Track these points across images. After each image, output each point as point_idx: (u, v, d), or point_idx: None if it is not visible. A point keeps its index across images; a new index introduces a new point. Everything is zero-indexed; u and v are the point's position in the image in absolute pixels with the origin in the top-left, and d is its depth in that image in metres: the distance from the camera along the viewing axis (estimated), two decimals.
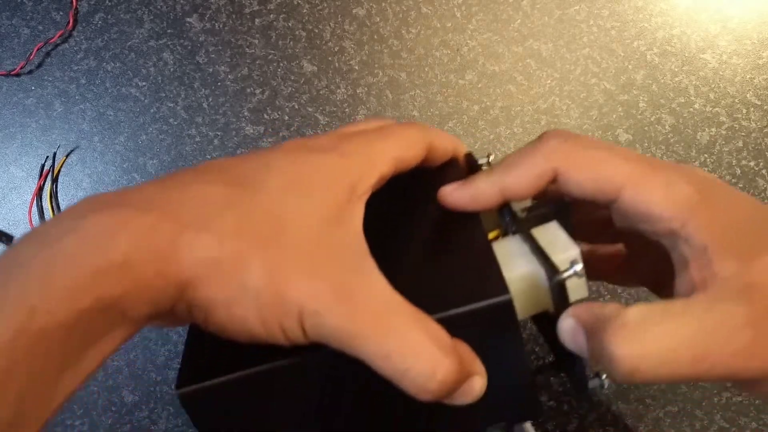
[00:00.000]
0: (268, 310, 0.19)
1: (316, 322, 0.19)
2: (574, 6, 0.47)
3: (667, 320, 0.19)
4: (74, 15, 0.47)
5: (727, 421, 0.46)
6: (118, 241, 0.18)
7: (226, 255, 0.19)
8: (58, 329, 0.16)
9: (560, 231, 0.24)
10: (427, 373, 0.19)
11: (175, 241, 0.18)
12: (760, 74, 0.46)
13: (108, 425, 0.46)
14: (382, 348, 0.19)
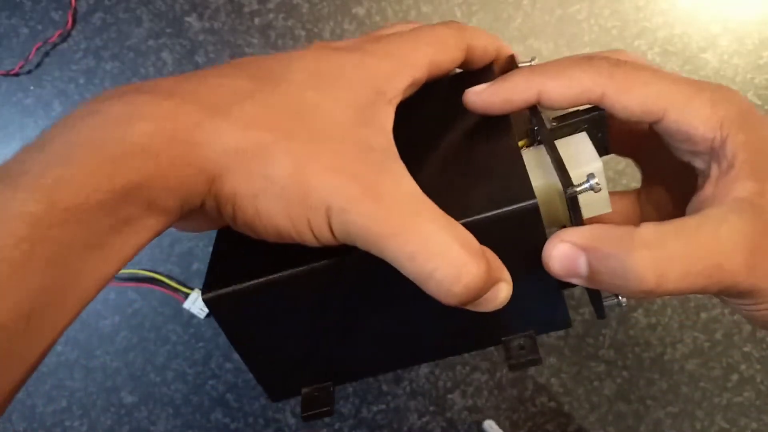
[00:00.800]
0: (295, 204, 0.19)
1: (343, 219, 0.19)
2: (574, 5, 0.47)
3: (685, 233, 0.19)
4: (73, 14, 0.47)
5: (728, 422, 0.46)
6: (138, 125, 0.17)
7: (250, 144, 0.19)
8: (79, 209, 0.16)
9: (587, 143, 0.23)
10: (452, 276, 0.19)
11: (198, 126, 0.18)
12: (760, 74, 0.46)
13: (107, 426, 0.46)
14: (408, 248, 0.18)
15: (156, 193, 0.18)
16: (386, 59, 0.22)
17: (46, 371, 0.46)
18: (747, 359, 0.46)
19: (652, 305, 0.46)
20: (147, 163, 0.17)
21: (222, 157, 0.18)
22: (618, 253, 0.19)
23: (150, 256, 0.46)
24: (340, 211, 0.18)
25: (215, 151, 0.18)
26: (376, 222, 0.18)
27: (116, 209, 0.17)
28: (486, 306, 0.20)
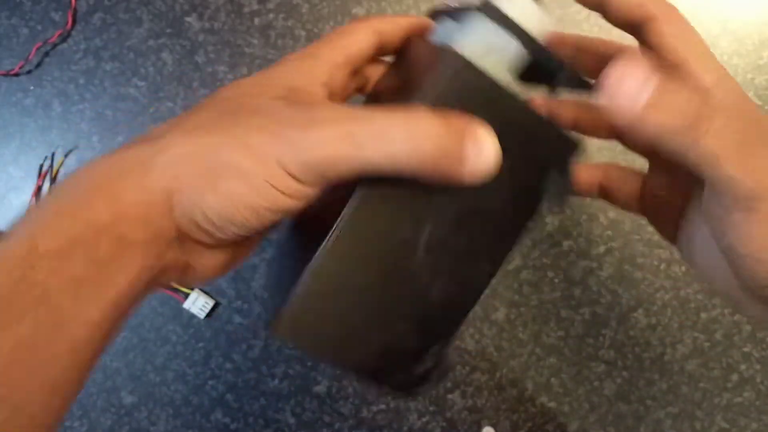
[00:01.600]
0: (252, 175, 0.20)
1: (297, 160, 0.20)
2: (575, 5, 0.47)
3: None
4: (73, 15, 0.47)
5: (728, 422, 0.46)
6: (98, 172, 0.20)
7: (192, 145, 0.20)
8: (57, 251, 0.18)
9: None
10: (411, 138, 0.19)
11: (143, 153, 0.20)
12: (760, 74, 0.46)
13: (107, 426, 0.46)
14: (364, 147, 0.19)
15: (123, 227, 0.19)
16: (300, 60, 0.24)
17: None
18: (747, 359, 0.46)
19: (652, 305, 0.46)
20: (108, 202, 0.19)
21: (170, 168, 0.20)
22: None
23: None
24: (289, 155, 0.20)
25: (162, 165, 0.20)
26: (324, 147, 0.19)
27: (91, 248, 0.19)
28: (476, 157, 0.20)
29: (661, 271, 0.46)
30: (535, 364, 0.46)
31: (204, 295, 0.46)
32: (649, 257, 0.46)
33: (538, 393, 0.46)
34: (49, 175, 0.46)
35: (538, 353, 0.46)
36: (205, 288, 0.46)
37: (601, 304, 0.46)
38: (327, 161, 0.20)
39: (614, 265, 0.46)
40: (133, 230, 0.19)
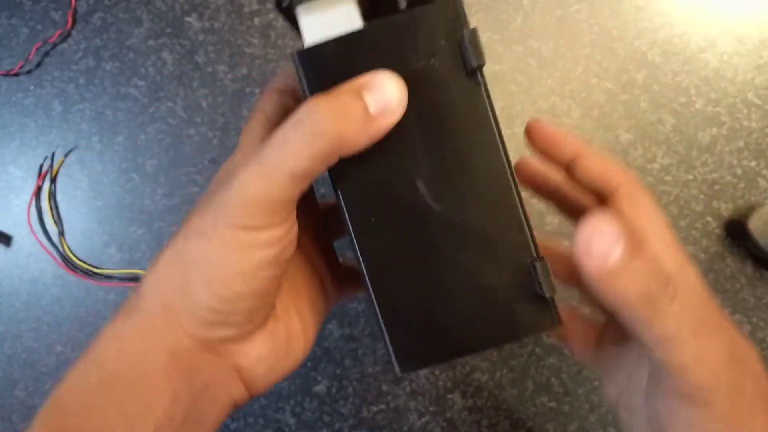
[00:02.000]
0: (213, 252, 0.21)
1: (239, 213, 0.21)
2: (574, 5, 0.47)
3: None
4: (73, 14, 0.47)
5: None
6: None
7: (165, 263, 0.23)
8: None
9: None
10: (310, 130, 0.20)
11: (138, 297, 0.23)
12: (760, 74, 0.46)
13: None
14: (278, 165, 0.20)
15: (137, 371, 0.22)
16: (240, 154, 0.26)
17: (45, 371, 0.46)
18: None
19: None
20: (118, 355, 0.23)
21: (155, 297, 0.22)
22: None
23: (150, 256, 0.46)
24: (228, 214, 0.21)
25: (149, 297, 0.23)
26: (247, 185, 0.21)
27: (114, 402, 0.22)
28: (385, 96, 0.21)
29: None
30: (535, 364, 0.46)
31: None
32: None
33: (538, 393, 0.46)
34: (49, 175, 0.46)
35: (538, 353, 0.46)
36: None
37: None
38: (259, 198, 0.20)
39: None
40: (147, 368, 0.21)
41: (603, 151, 0.26)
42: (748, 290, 0.46)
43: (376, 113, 0.20)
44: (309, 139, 0.20)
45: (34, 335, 0.46)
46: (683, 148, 0.46)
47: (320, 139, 0.20)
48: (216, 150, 0.46)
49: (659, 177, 0.46)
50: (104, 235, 0.46)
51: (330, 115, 0.20)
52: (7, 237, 0.46)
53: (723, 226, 0.46)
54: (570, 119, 0.46)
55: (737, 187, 0.46)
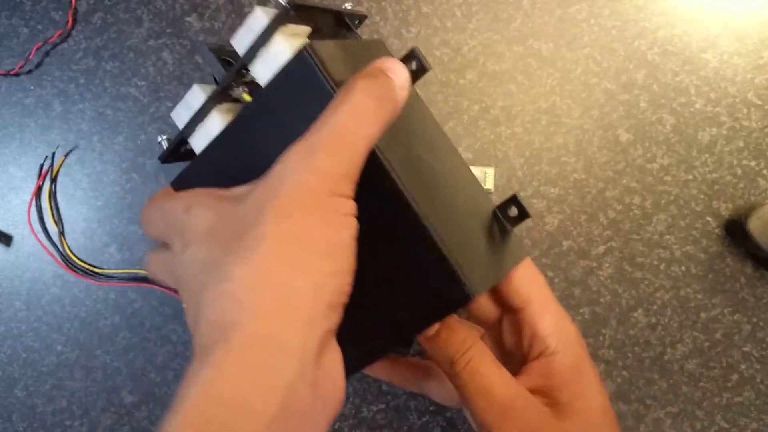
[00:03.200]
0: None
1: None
2: (574, 5, 0.47)
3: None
4: (73, 14, 0.47)
5: (728, 422, 0.46)
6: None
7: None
8: None
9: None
10: (354, 108, 0.22)
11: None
12: (760, 74, 0.46)
13: (107, 426, 0.46)
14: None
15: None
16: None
17: (46, 371, 0.46)
18: (747, 359, 0.46)
19: (652, 305, 0.46)
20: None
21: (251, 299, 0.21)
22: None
23: None
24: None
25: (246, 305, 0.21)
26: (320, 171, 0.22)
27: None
28: (402, 73, 0.24)
29: (661, 271, 0.46)
30: None
31: None
32: (649, 257, 0.46)
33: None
34: (50, 175, 0.46)
35: None
36: None
37: (600, 303, 0.46)
38: (349, 165, 0.22)
39: (614, 265, 0.46)
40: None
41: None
42: (748, 290, 0.46)
43: (400, 87, 0.23)
44: (377, 106, 0.22)
45: (34, 335, 0.46)
46: (683, 148, 0.46)
47: (385, 107, 0.22)
48: None
49: (659, 177, 0.46)
50: (104, 235, 0.46)
51: (383, 88, 0.23)
52: (8, 237, 0.46)
53: (723, 226, 0.46)
54: (570, 119, 0.46)
55: (737, 187, 0.46)
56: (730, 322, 0.46)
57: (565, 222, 0.46)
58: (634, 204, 0.46)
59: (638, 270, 0.46)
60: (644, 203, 0.46)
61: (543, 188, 0.46)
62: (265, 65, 0.25)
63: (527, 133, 0.46)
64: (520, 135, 0.46)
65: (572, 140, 0.46)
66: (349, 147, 0.21)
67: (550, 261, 0.46)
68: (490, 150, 0.46)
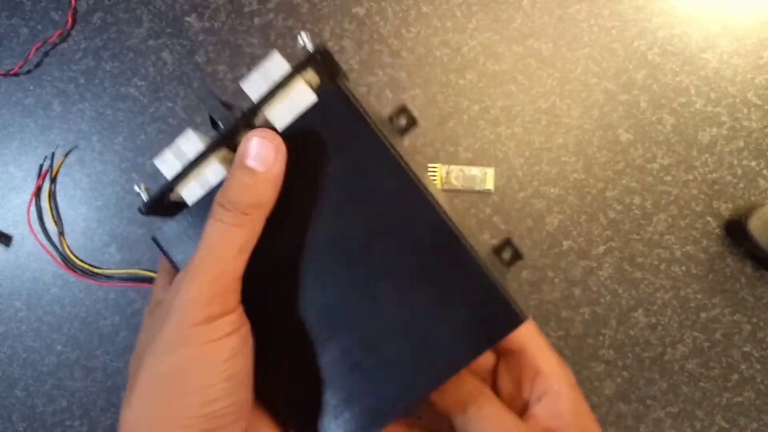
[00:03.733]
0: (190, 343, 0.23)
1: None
2: (574, 5, 0.47)
3: None
4: (73, 14, 0.47)
5: (728, 422, 0.46)
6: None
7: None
8: None
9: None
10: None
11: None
12: (760, 74, 0.46)
13: (107, 426, 0.46)
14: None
15: None
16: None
17: (46, 371, 0.46)
18: (747, 359, 0.46)
19: (652, 305, 0.46)
20: None
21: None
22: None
23: (150, 255, 0.46)
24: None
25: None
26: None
27: None
28: (251, 146, 0.24)
29: (661, 271, 0.46)
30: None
31: None
32: (649, 257, 0.46)
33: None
34: (49, 175, 0.46)
35: None
36: None
37: (601, 304, 0.46)
38: (212, 280, 0.23)
39: (614, 265, 0.46)
40: None
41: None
42: (748, 290, 0.46)
43: (264, 168, 0.24)
44: (233, 218, 0.23)
45: (34, 335, 0.46)
46: (683, 148, 0.46)
47: (239, 215, 0.23)
48: None
49: (659, 177, 0.46)
50: (104, 235, 0.46)
51: (237, 192, 0.24)
52: (7, 237, 0.46)
53: (723, 226, 0.46)
54: (570, 119, 0.46)
55: (737, 187, 0.46)
56: (730, 322, 0.46)
57: (565, 222, 0.46)
58: (634, 204, 0.46)
59: (638, 270, 0.46)
60: (644, 203, 0.46)
61: (543, 188, 0.46)
62: (285, 109, 0.26)
63: (527, 133, 0.46)
64: (520, 135, 0.46)
65: (572, 140, 0.46)
66: (209, 273, 0.23)
67: (550, 261, 0.46)
68: (490, 150, 0.46)
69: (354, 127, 0.25)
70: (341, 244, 0.25)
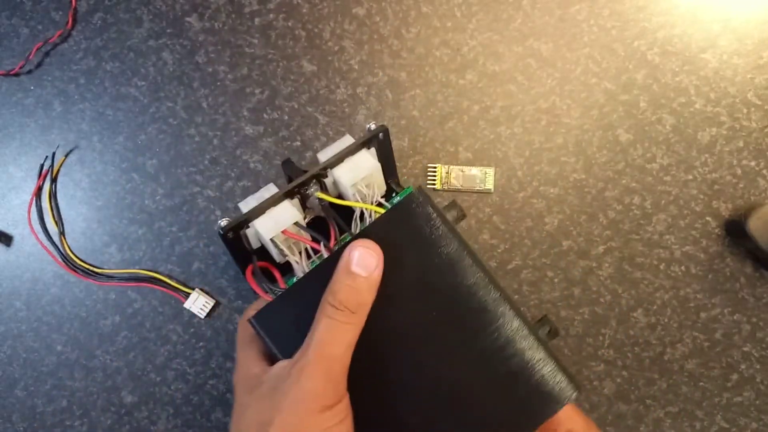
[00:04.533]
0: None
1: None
2: (574, 5, 0.47)
3: None
4: (73, 14, 0.47)
5: (728, 422, 0.46)
6: None
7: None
8: None
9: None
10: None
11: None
12: (760, 74, 0.46)
13: (107, 426, 0.46)
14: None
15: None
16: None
17: (46, 371, 0.46)
18: (747, 359, 0.46)
19: (652, 305, 0.46)
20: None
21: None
22: None
23: (150, 256, 0.46)
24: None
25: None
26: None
27: None
28: (354, 258, 0.28)
29: (660, 271, 0.46)
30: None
31: (204, 294, 0.46)
32: (649, 257, 0.46)
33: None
34: (50, 175, 0.46)
35: None
36: (205, 287, 0.46)
37: (600, 303, 0.46)
38: (327, 376, 0.27)
39: (614, 265, 0.46)
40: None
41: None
42: (747, 290, 0.46)
43: (367, 273, 0.28)
44: (343, 317, 0.27)
45: (34, 335, 0.46)
46: (683, 148, 0.46)
47: (348, 314, 0.27)
48: (216, 150, 0.47)
49: (659, 177, 0.46)
50: (104, 235, 0.46)
51: (346, 294, 0.28)
52: (8, 237, 0.47)
53: (723, 226, 0.46)
54: (569, 119, 0.46)
55: (737, 187, 0.46)
56: (729, 322, 0.46)
57: (565, 222, 0.46)
58: (633, 204, 0.46)
59: (638, 270, 0.46)
60: (644, 203, 0.46)
61: (543, 188, 0.46)
62: (350, 171, 0.32)
63: (527, 133, 0.46)
64: (520, 135, 0.46)
65: (572, 140, 0.46)
66: (324, 366, 0.26)
67: (550, 261, 0.46)
68: (490, 150, 0.46)
69: (434, 227, 0.30)
70: (418, 331, 0.29)
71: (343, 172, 0.32)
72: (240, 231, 0.32)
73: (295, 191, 0.32)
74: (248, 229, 0.32)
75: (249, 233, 0.32)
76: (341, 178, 0.32)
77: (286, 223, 0.31)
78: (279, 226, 0.31)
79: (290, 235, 0.31)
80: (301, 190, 0.32)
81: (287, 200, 0.32)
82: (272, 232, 0.31)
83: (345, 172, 0.32)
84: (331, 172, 0.32)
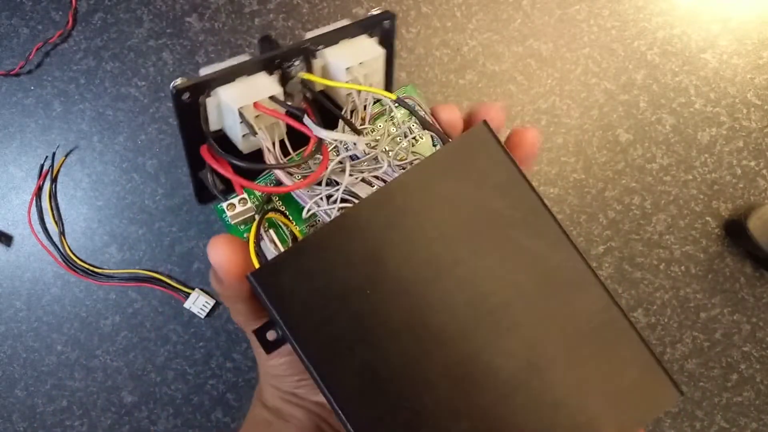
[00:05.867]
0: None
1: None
2: (574, 5, 0.47)
3: None
4: (73, 15, 0.47)
5: (728, 422, 0.46)
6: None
7: None
8: None
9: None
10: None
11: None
12: (760, 74, 0.46)
13: (107, 425, 0.46)
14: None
15: None
16: None
17: (46, 371, 0.46)
18: (747, 359, 0.46)
19: (652, 305, 0.46)
20: None
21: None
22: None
23: (150, 256, 0.46)
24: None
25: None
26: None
27: None
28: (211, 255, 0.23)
29: (660, 271, 0.46)
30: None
31: (204, 294, 0.46)
32: (649, 257, 0.46)
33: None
34: (50, 175, 0.46)
35: None
36: (205, 287, 0.46)
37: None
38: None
39: (614, 265, 0.46)
40: None
41: None
42: (747, 290, 0.46)
43: (220, 275, 0.22)
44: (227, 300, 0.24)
45: (34, 335, 0.46)
46: (683, 148, 0.46)
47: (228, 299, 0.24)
48: None
49: (659, 177, 0.46)
50: (105, 235, 0.46)
51: (222, 292, 0.23)
52: (8, 237, 0.47)
53: (723, 226, 0.46)
54: (569, 119, 0.46)
55: (737, 187, 0.46)
56: (729, 322, 0.46)
57: (565, 222, 0.46)
58: (633, 204, 0.46)
59: (638, 270, 0.46)
60: (644, 203, 0.46)
61: (543, 188, 0.46)
62: (347, 52, 0.25)
63: None
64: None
65: (572, 140, 0.46)
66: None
67: None
68: None
69: (502, 172, 0.22)
70: (482, 302, 0.22)
71: (338, 52, 0.25)
72: (199, 96, 0.23)
73: (276, 64, 0.24)
74: (210, 98, 0.24)
75: (210, 104, 0.24)
76: (335, 59, 0.25)
77: (261, 94, 0.24)
78: (251, 95, 0.24)
79: (263, 109, 0.24)
80: (283, 65, 0.25)
81: (264, 72, 0.25)
82: (242, 100, 0.23)
83: (341, 51, 0.25)
84: (322, 52, 0.25)
